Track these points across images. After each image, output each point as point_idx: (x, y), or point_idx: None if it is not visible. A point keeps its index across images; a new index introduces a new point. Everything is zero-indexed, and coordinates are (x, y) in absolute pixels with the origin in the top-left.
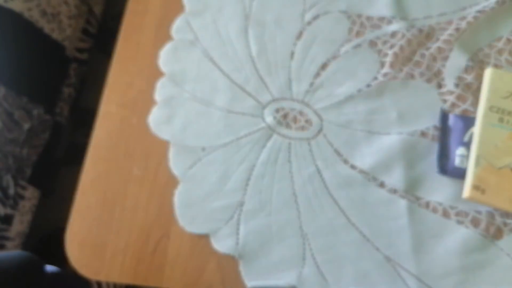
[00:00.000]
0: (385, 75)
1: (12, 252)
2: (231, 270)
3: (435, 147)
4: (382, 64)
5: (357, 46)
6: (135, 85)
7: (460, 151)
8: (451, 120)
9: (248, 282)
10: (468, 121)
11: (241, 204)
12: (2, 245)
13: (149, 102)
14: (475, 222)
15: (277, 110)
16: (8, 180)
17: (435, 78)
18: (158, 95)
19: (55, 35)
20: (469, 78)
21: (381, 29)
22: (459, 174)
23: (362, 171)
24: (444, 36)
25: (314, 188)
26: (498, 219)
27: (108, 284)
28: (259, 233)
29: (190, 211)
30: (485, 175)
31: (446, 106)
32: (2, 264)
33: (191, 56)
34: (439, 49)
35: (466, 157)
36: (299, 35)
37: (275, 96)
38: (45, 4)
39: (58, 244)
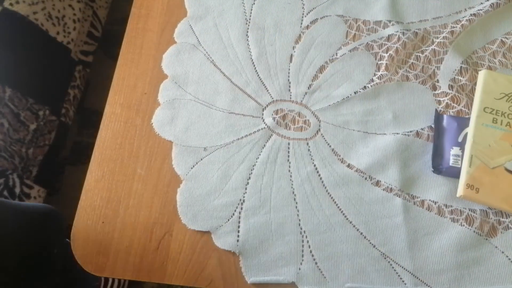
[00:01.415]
0: (381, 77)
1: (37, 203)
2: (231, 266)
3: (429, 147)
4: (378, 67)
5: (354, 49)
6: (139, 87)
7: (454, 151)
8: (446, 120)
9: (248, 278)
10: (462, 121)
11: (242, 202)
12: None
13: (153, 104)
14: (469, 220)
15: (276, 112)
16: (14, 179)
17: (430, 80)
18: (161, 97)
19: (60, 38)
20: (463, 80)
21: (377, 32)
22: (454, 173)
23: (358, 170)
24: (439, 39)
25: (312, 186)
26: (492, 217)
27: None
28: (259, 230)
29: (192, 209)
30: (479, 174)
31: (441, 107)
32: (27, 211)
33: (193, 59)
34: (434, 52)
35: (460, 157)
36: (298, 39)
37: (274, 98)
38: (50, 8)
39: None
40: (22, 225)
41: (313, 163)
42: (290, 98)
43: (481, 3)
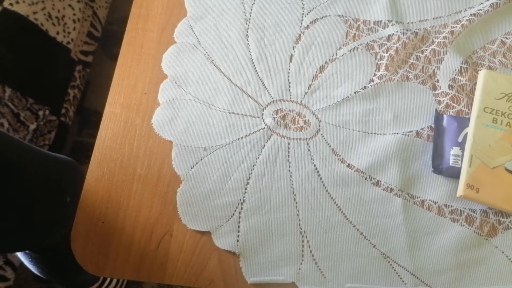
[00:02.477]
0: (381, 77)
1: (61, 155)
2: (231, 266)
3: (430, 147)
4: (378, 67)
5: (354, 49)
6: (138, 87)
7: (454, 151)
8: (446, 120)
9: (248, 278)
10: (462, 121)
11: (242, 202)
12: None
13: (153, 104)
14: (469, 220)
15: (276, 111)
16: None
17: (430, 80)
18: (161, 97)
19: (60, 38)
20: (463, 79)
21: (377, 32)
22: (454, 173)
23: (358, 170)
24: (439, 39)
25: (312, 186)
26: (492, 217)
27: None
28: (259, 230)
29: (192, 209)
30: (479, 174)
31: (441, 107)
32: (49, 156)
33: (193, 59)
34: (434, 52)
35: (460, 157)
36: (298, 39)
37: (274, 97)
38: (50, 8)
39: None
40: (39, 167)
41: (313, 163)
42: (290, 98)
43: (481, 3)
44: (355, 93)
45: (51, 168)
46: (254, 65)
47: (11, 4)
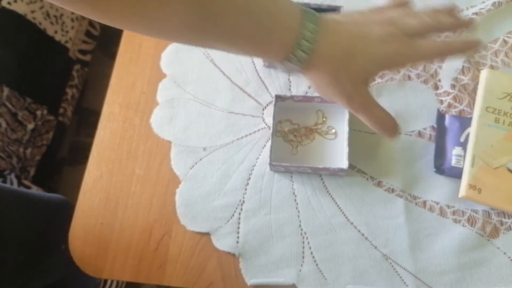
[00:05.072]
0: (382, 76)
1: (51, 194)
2: (231, 268)
3: (432, 147)
4: None
5: None
6: (137, 86)
7: (456, 151)
8: (448, 120)
9: (248, 280)
10: (464, 121)
11: (242, 203)
12: None
13: (151, 103)
14: (471, 221)
15: None
16: (12, 179)
17: (432, 79)
18: (160, 96)
19: (58, 37)
20: (465, 79)
21: None
22: (456, 173)
23: (360, 171)
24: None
25: (313, 187)
26: (495, 218)
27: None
28: (259, 232)
29: (191, 210)
30: (481, 174)
31: (443, 106)
32: (39, 203)
33: (192, 58)
34: None
35: (463, 157)
36: None
37: None
38: (48, 6)
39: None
40: (30, 216)
41: None
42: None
43: (483, 2)
44: None
45: (39, 214)
46: (254, 64)
47: (9, 3)
